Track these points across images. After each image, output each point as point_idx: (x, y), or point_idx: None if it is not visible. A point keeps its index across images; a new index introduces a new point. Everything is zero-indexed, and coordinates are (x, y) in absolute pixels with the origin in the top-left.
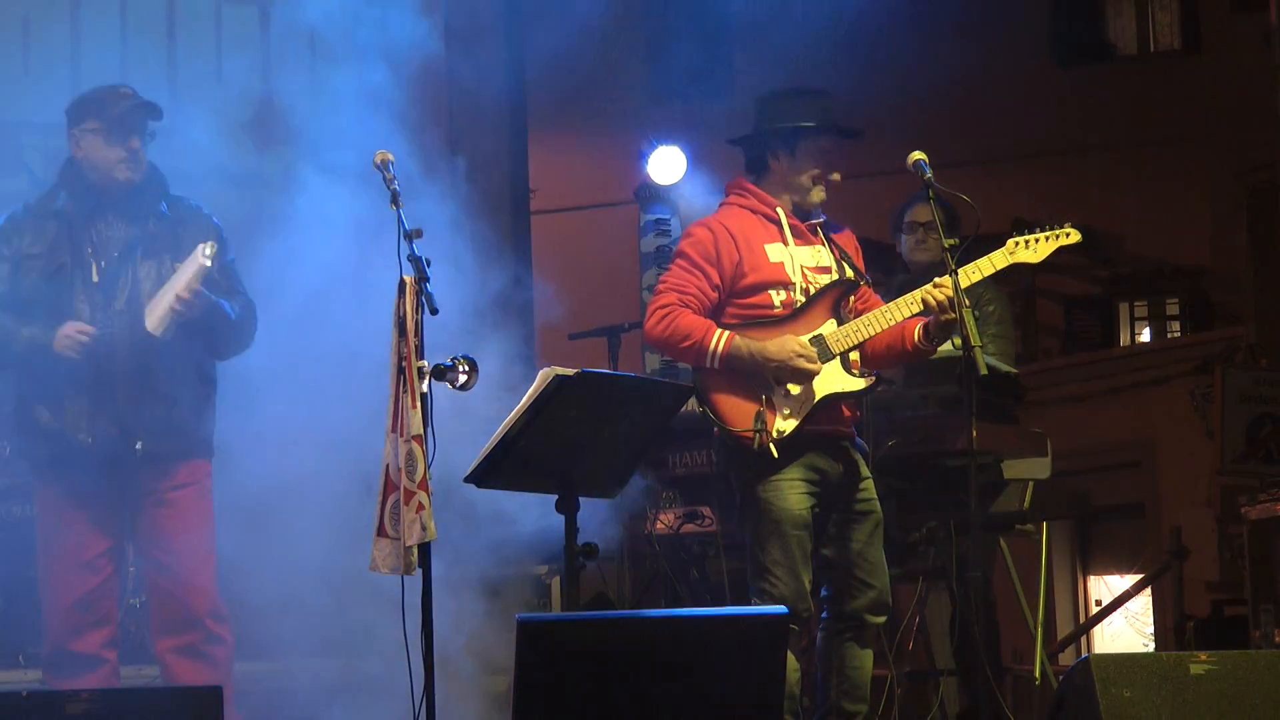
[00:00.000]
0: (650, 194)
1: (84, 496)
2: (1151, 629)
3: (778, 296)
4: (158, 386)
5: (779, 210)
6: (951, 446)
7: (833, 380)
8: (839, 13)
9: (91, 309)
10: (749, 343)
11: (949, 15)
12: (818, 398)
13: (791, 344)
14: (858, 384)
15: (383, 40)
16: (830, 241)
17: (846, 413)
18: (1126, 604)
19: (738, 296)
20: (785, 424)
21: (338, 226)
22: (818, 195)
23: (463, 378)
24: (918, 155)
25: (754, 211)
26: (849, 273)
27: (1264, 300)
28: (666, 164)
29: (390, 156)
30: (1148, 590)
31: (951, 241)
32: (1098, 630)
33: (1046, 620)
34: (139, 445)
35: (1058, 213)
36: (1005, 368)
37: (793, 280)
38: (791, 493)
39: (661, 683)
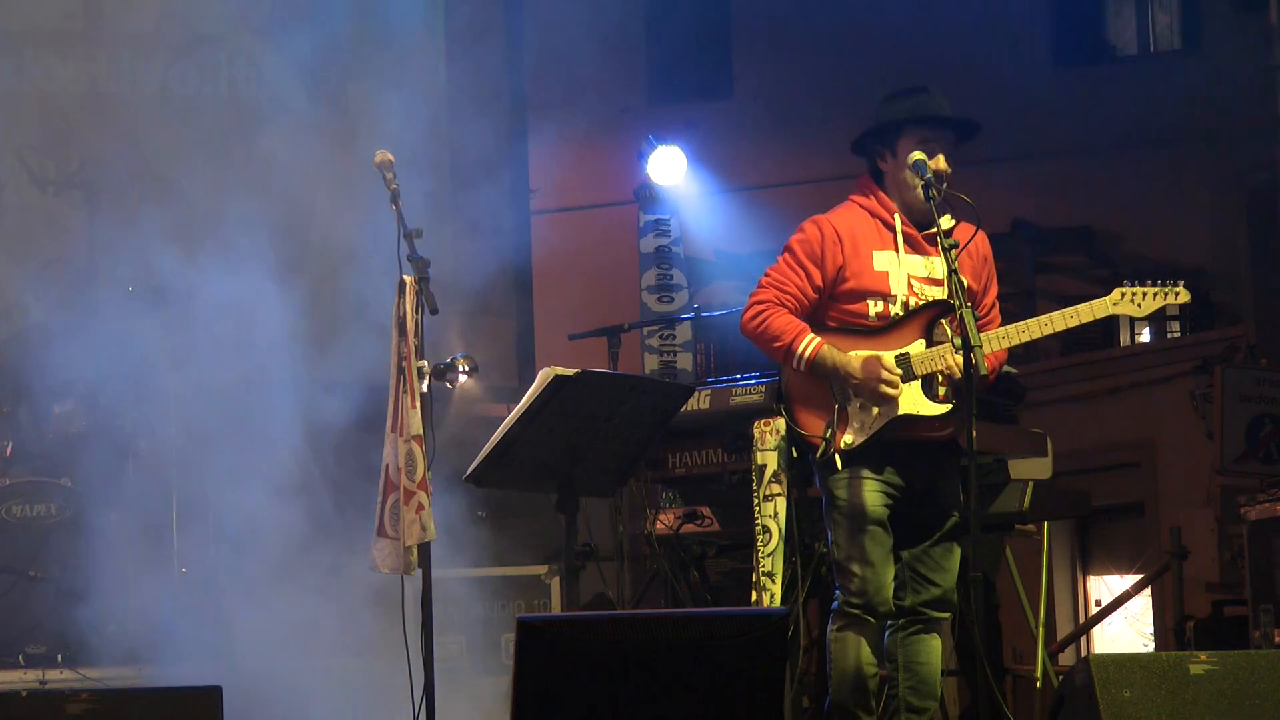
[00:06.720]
0: (650, 194)
1: None
2: (1151, 629)
3: (874, 307)
4: None
5: (896, 217)
6: None
7: (910, 402)
8: (838, 14)
9: None
10: (835, 355)
11: (948, 15)
12: (890, 418)
13: (877, 367)
14: (934, 409)
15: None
16: (948, 254)
17: (935, 422)
18: (1126, 604)
19: (837, 300)
20: (852, 437)
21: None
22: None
23: (462, 377)
24: (917, 155)
25: (872, 214)
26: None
27: (1264, 300)
28: (666, 164)
29: (390, 157)
30: (1148, 590)
31: (952, 241)
32: (1098, 630)
33: (1046, 620)
34: None
35: (1058, 213)
36: (1005, 367)
37: (893, 292)
38: (866, 490)
39: (661, 683)
